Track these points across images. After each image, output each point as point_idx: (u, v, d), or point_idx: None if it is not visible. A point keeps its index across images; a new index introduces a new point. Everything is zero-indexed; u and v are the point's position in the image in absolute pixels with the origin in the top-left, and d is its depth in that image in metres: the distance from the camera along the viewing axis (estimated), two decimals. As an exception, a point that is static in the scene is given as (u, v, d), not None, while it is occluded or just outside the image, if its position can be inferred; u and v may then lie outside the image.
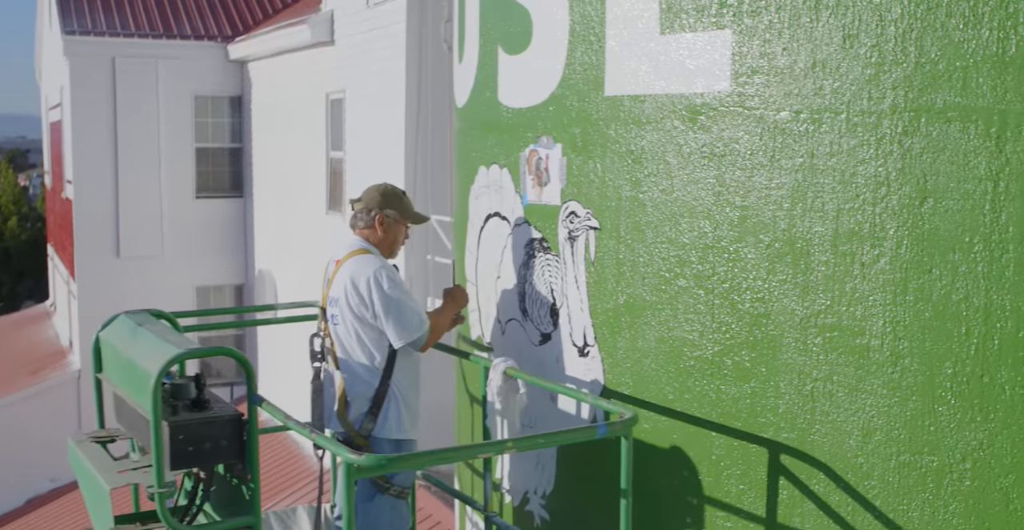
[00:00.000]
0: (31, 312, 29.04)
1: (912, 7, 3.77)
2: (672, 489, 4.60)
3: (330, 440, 4.00)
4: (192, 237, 20.67)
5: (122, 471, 4.37)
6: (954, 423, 3.82)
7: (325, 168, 16.54)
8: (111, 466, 4.42)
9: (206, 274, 20.94)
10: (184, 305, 20.74)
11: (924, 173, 3.80)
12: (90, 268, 20.13)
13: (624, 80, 4.63)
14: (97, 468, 4.39)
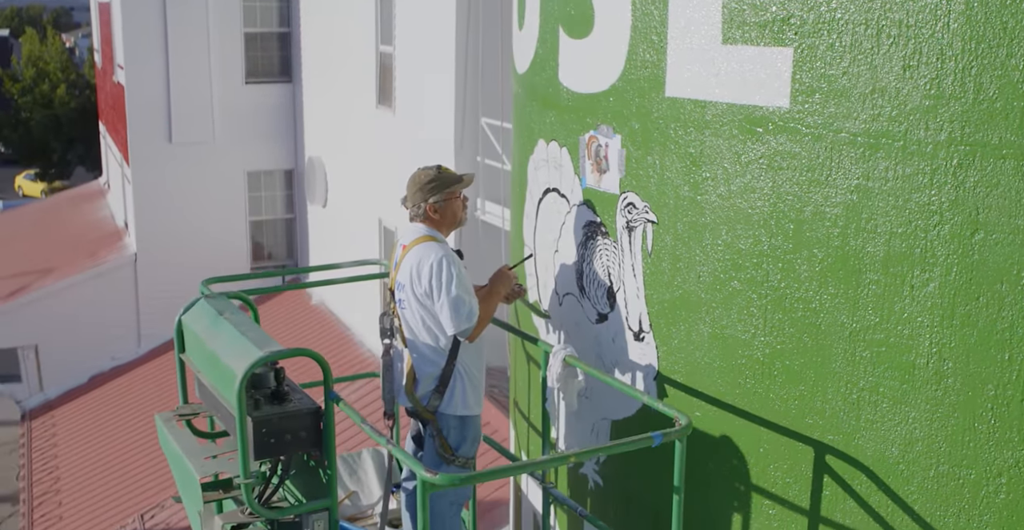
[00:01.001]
0: (86, 189, 29.51)
1: (973, 44, 3.85)
2: (720, 474, 4.88)
3: (405, 453, 4.28)
4: (242, 122, 20.86)
5: (209, 458, 4.69)
6: (992, 441, 4.04)
7: (375, 62, 16.57)
8: (198, 451, 4.75)
9: (256, 159, 21.20)
10: (235, 189, 21.10)
11: (976, 206, 3.94)
12: (143, 154, 20.43)
13: (685, 83, 4.74)
14: (186, 453, 4.72)
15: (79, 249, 22.58)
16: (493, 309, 5.43)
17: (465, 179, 5.38)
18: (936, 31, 3.93)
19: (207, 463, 4.70)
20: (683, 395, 4.99)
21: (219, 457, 4.73)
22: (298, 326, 19.74)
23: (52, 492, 17.65)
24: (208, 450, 4.85)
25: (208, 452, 4.82)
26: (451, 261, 5.21)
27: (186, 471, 4.75)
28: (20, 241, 24.89)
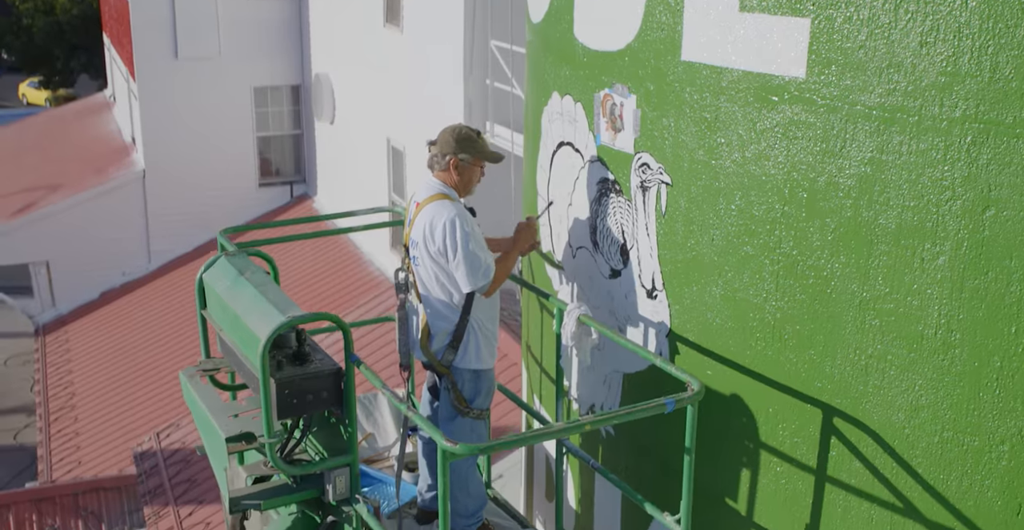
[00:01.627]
0: (91, 102, 29.37)
1: (991, 23, 3.87)
2: (730, 431, 5.02)
3: (426, 421, 4.41)
4: (248, 37, 20.71)
5: (233, 416, 4.83)
6: (996, 410, 4.16)
7: (382, -22, 16.41)
8: (223, 409, 4.89)
9: (263, 75, 21.11)
10: (242, 105, 21.03)
11: (988, 183, 4.00)
12: (150, 70, 20.35)
13: (700, 48, 4.76)
14: (211, 412, 4.86)
15: (87, 164, 22.59)
16: (513, 263, 5.51)
17: (495, 156, 5.42)
18: (954, 8, 3.95)
19: (232, 422, 4.84)
20: (694, 353, 5.10)
21: (243, 416, 4.86)
22: (307, 244, 19.84)
23: (68, 407, 17.96)
24: (232, 408, 4.98)
25: (232, 410, 4.96)
26: (464, 219, 5.28)
27: (211, 429, 4.89)
28: (27, 155, 24.89)
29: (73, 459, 16.47)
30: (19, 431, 25.62)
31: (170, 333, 18.77)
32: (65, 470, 16.22)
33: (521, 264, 6.55)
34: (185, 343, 18.08)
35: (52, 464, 16.36)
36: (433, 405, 5.70)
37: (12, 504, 14.06)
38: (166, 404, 16.57)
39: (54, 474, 16.17)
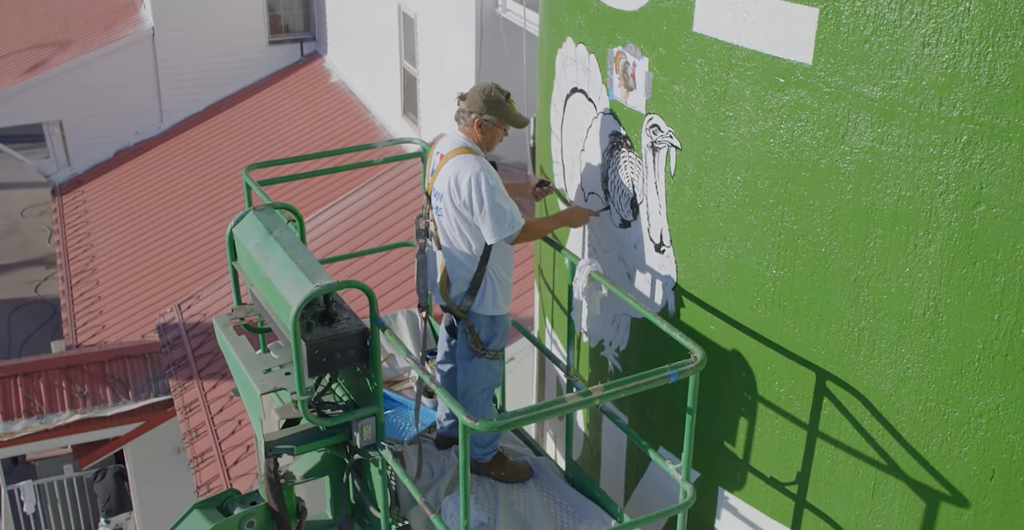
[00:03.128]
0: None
1: (991, 31, 4.03)
2: (731, 383, 5.36)
3: (449, 396, 4.73)
4: None
5: (267, 371, 5.17)
6: (976, 387, 4.48)
7: None
8: (256, 363, 5.23)
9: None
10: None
11: (980, 181, 4.22)
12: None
13: (712, 22, 4.89)
14: (246, 366, 5.20)
15: (93, 22, 22.46)
16: (549, 229, 5.77)
17: (520, 121, 5.59)
18: (957, 14, 4.09)
19: (265, 378, 5.18)
20: (698, 309, 5.40)
21: (276, 371, 5.20)
22: (318, 107, 19.93)
23: (88, 270, 18.39)
24: (265, 361, 5.32)
25: (265, 364, 5.30)
26: (488, 173, 5.50)
27: (246, 382, 5.24)
28: (31, 11, 24.67)
29: (97, 323, 16.98)
30: (40, 283, 26.25)
31: (186, 195, 19.05)
32: (90, 334, 16.74)
33: (535, 205, 6.78)
34: (200, 206, 18.40)
35: (77, 328, 16.88)
36: (450, 342, 6.03)
37: (42, 371, 14.59)
38: (185, 269, 16.98)
39: (79, 338, 16.71)
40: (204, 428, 12.72)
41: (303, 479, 5.52)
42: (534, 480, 6.04)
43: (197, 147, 20.50)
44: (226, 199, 18.53)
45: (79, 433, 14.32)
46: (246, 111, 20.94)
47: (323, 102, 19.99)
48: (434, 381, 4.89)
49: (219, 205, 18.41)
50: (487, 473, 6.07)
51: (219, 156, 19.85)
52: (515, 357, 11.32)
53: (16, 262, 27.13)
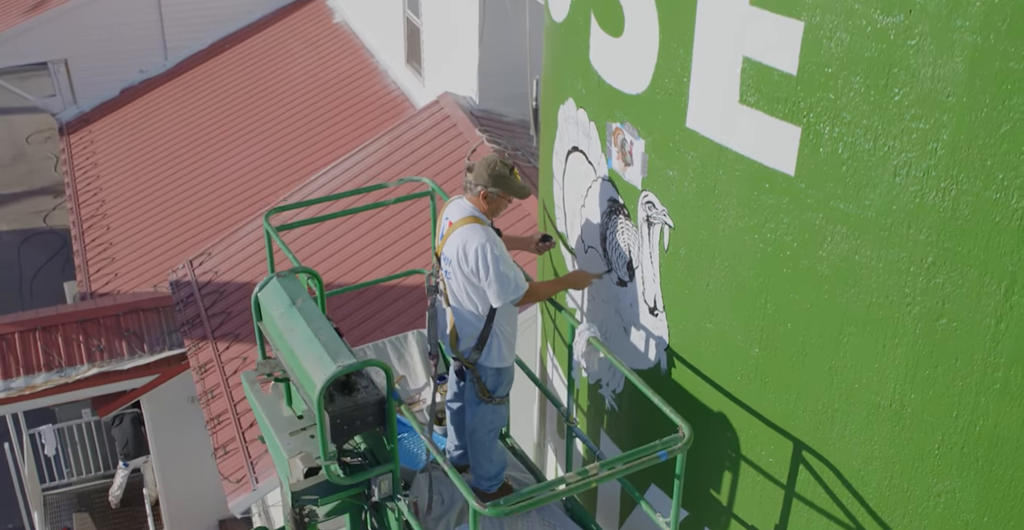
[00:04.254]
0: None
1: (955, 171, 4.42)
2: (717, 439, 5.85)
3: (460, 478, 5.22)
4: None
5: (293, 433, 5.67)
6: (935, 471, 5.00)
7: None
8: (284, 425, 5.72)
9: None
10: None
11: (943, 298, 4.66)
12: None
13: (704, 122, 5.26)
14: (273, 427, 5.69)
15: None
16: (552, 293, 6.21)
17: (523, 193, 5.98)
18: (925, 151, 4.48)
19: (292, 441, 5.68)
20: (688, 371, 5.87)
21: (300, 434, 5.70)
22: (323, 47, 20.09)
23: (99, 215, 18.78)
24: (291, 424, 5.81)
25: (291, 426, 5.79)
26: (494, 243, 5.92)
27: (274, 443, 5.74)
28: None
29: (109, 271, 17.44)
30: (48, 213, 26.67)
31: (193, 136, 19.33)
32: (103, 282, 17.22)
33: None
34: (208, 147, 18.69)
35: (90, 276, 17.34)
36: (459, 384, 6.52)
37: (60, 325, 15.12)
38: (195, 214, 17.35)
39: (92, 286, 17.19)
40: (219, 390, 13.28)
41: (326, 518, 6.06)
42: (538, 511, 6.57)
43: (203, 86, 20.71)
44: (233, 139, 18.82)
45: (97, 386, 14.89)
46: (250, 50, 21.11)
47: (327, 43, 20.15)
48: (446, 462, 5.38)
49: (227, 146, 18.71)
50: (493, 502, 6.61)
51: (226, 95, 20.07)
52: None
53: (23, 191, 27.51)
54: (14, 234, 25.72)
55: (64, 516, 16.87)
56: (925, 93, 4.38)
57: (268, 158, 17.81)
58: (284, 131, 18.27)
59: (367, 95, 18.32)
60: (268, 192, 17.12)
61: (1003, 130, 4.25)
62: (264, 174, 17.58)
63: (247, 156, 18.10)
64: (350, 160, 15.39)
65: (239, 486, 12.07)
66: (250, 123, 18.84)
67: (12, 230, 25.90)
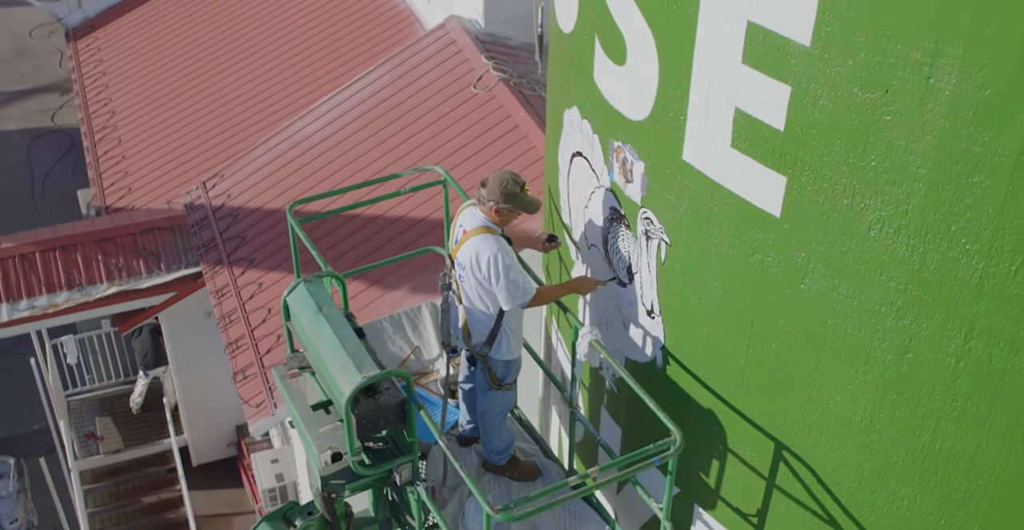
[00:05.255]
0: None
1: (922, 232, 4.91)
2: (706, 431, 6.45)
3: (475, 484, 5.83)
4: None
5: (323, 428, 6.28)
6: (899, 479, 5.61)
7: None
8: (313, 420, 6.32)
9: None
10: None
11: (910, 337, 5.20)
12: None
13: (699, 157, 5.71)
14: (304, 422, 6.29)
15: None
16: (557, 296, 6.73)
17: (532, 208, 6.45)
18: (897, 212, 4.96)
19: (321, 436, 6.29)
20: (681, 370, 6.44)
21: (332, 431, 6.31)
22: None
23: (110, 127, 19.11)
24: (320, 419, 6.41)
25: (320, 421, 6.39)
26: (505, 253, 6.44)
27: (306, 438, 6.35)
28: None
29: (123, 185, 17.88)
30: (55, 111, 26.94)
31: (201, 44, 19.52)
32: (117, 196, 17.69)
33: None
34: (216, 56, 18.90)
35: (104, 190, 17.79)
36: (471, 369, 7.11)
37: (79, 245, 15.66)
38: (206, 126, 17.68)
39: (107, 200, 17.66)
40: (236, 315, 13.90)
41: (350, 493, 6.70)
42: (542, 481, 7.24)
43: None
44: (240, 52, 19.03)
45: (117, 303, 15.52)
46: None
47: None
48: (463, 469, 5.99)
49: (233, 59, 18.93)
50: (502, 473, 7.27)
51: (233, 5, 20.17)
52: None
53: (30, 88, 27.72)
54: (23, 133, 26.04)
55: (87, 421, 17.69)
56: (898, 163, 4.84)
57: (278, 71, 18.05)
58: (294, 44, 18.46)
59: (375, 10, 18.46)
60: (277, 108, 17.45)
61: (966, 202, 4.73)
62: (273, 88, 17.85)
63: (255, 69, 18.34)
64: (356, 85, 15.69)
65: (258, 411, 12.78)
66: (258, 35, 19.01)
67: (21, 129, 26.20)
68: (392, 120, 14.91)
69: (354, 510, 6.95)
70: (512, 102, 13.96)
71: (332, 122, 15.35)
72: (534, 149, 13.45)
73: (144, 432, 17.49)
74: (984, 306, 4.90)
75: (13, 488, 17.59)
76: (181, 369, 16.71)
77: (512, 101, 13.97)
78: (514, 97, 14.01)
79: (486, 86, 14.35)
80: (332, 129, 15.28)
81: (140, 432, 17.51)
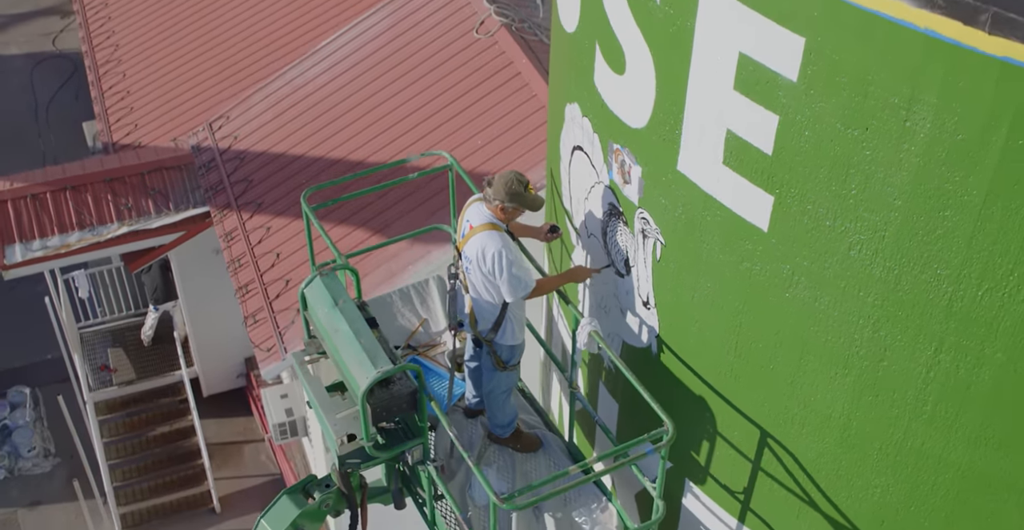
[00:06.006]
0: None
1: (898, 255, 5.31)
2: (698, 414, 6.92)
3: (480, 472, 6.30)
4: None
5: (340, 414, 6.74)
6: (873, 470, 6.09)
7: None
8: (331, 406, 6.78)
9: None
10: None
11: (885, 347, 5.62)
12: None
13: (693, 169, 6.07)
14: (323, 408, 6.75)
15: None
16: (557, 286, 7.14)
17: (535, 206, 6.82)
18: (875, 236, 5.35)
19: (338, 422, 6.76)
20: (674, 358, 6.88)
21: (348, 417, 6.77)
22: None
23: (114, 61, 19.28)
24: (336, 406, 6.87)
25: (337, 408, 6.85)
26: (509, 249, 6.83)
27: (324, 423, 6.82)
28: None
29: (129, 121, 18.13)
30: (56, 35, 26.98)
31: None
32: (124, 132, 17.96)
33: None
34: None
35: (111, 126, 18.05)
36: (476, 350, 7.55)
37: (88, 184, 16.00)
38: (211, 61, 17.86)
39: (114, 136, 17.94)
40: (246, 259, 14.31)
41: (364, 467, 7.20)
42: (544, 452, 7.74)
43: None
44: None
45: (127, 243, 15.90)
46: None
47: None
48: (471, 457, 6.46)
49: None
50: (507, 445, 7.77)
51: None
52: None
53: (30, 11, 27.72)
54: (26, 58, 26.14)
55: (100, 353, 18.22)
56: (876, 193, 5.21)
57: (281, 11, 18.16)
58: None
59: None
60: (279, 46, 17.62)
61: (938, 233, 5.11)
62: (276, 27, 18.00)
63: (258, 8, 18.44)
64: (358, 28, 15.85)
65: (269, 354, 13.27)
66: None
67: (23, 54, 26.29)
68: (394, 65, 15.11)
69: (368, 481, 7.43)
70: (514, 48, 14.15)
71: (334, 66, 15.56)
72: (535, 98, 13.71)
73: (156, 364, 18.01)
74: (953, 325, 5.31)
75: (30, 417, 18.22)
76: (191, 304, 17.17)
77: (514, 47, 14.16)
78: (516, 43, 14.20)
79: (488, 31, 14.53)
80: (334, 73, 15.50)
81: (152, 364, 18.03)
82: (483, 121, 13.83)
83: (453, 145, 13.74)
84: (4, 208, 15.83)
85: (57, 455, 17.94)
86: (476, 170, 13.32)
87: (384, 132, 14.39)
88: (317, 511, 7.20)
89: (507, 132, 13.48)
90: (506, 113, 13.75)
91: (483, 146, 13.59)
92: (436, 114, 14.22)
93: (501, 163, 13.28)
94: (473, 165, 13.38)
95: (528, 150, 13.28)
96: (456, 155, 13.67)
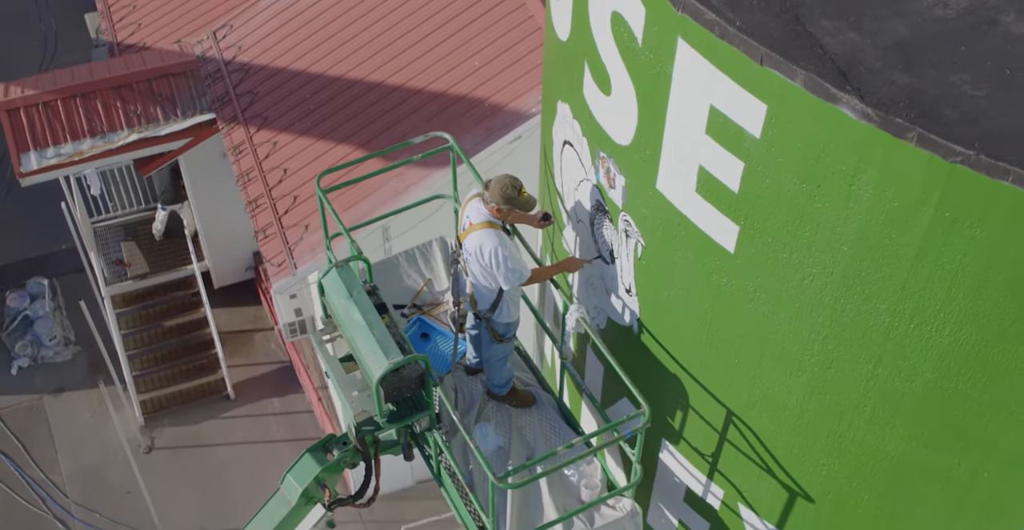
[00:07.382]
0: None
1: (844, 289, 6.11)
2: (673, 389, 7.83)
3: (482, 456, 7.20)
4: None
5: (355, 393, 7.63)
6: (822, 454, 7.02)
7: None
8: (347, 384, 7.67)
9: None
10: None
11: (833, 358, 6.48)
12: None
13: (669, 190, 6.79)
14: (341, 385, 7.65)
15: None
16: (550, 275, 7.92)
17: (528, 207, 7.54)
18: (824, 271, 6.13)
19: (355, 399, 7.66)
20: (653, 340, 7.74)
21: (362, 395, 7.66)
22: None
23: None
24: (353, 383, 7.75)
25: (354, 385, 7.74)
26: (504, 245, 7.61)
27: (341, 397, 7.72)
28: None
29: (132, 20, 18.50)
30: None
31: None
32: (128, 32, 18.35)
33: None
34: None
35: (115, 24, 18.41)
36: (476, 321, 8.40)
37: (97, 92, 16.53)
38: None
39: (118, 35, 18.34)
40: (254, 173, 14.98)
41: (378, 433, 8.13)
42: (537, 408, 8.67)
43: None
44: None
45: (138, 150, 16.53)
46: None
47: None
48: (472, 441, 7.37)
49: None
50: (503, 401, 8.71)
51: None
52: (522, 136, 13.39)
53: None
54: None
55: (113, 246, 19.02)
56: (826, 238, 5.97)
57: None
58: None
59: None
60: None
61: (877, 276, 5.90)
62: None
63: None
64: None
65: (280, 270, 14.09)
66: None
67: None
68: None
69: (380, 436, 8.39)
70: (510, -32, 14.51)
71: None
72: (532, 18, 14.17)
73: (168, 258, 18.82)
74: (889, 348, 6.15)
75: (49, 307, 19.16)
76: (200, 205, 17.89)
77: (510, -33, 14.52)
78: (512, -38, 14.55)
79: (484, -52, 14.84)
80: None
81: (164, 258, 18.84)
82: (479, 42, 14.33)
83: (451, 66, 14.29)
84: (17, 116, 16.37)
85: (77, 343, 18.92)
86: (473, 93, 13.91)
87: (385, 48, 14.87)
88: (336, 466, 8.16)
89: (503, 54, 13.99)
90: (502, 34, 14.21)
91: (480, 68, 14.13)
92: (435, 32, 14.70)
93: (498, 85, 13.85)
94: (470, 87, 13.96)
95: (525, 73, 13.81)
96: (454, 76, 14.27)
